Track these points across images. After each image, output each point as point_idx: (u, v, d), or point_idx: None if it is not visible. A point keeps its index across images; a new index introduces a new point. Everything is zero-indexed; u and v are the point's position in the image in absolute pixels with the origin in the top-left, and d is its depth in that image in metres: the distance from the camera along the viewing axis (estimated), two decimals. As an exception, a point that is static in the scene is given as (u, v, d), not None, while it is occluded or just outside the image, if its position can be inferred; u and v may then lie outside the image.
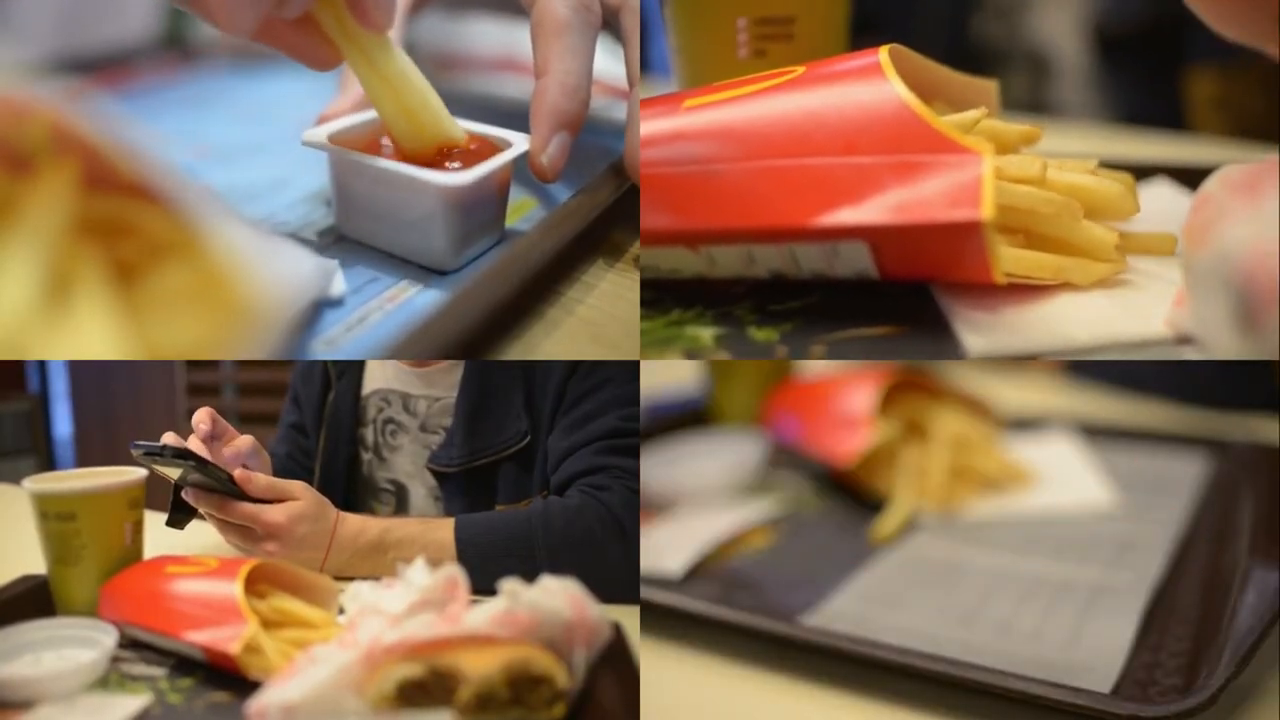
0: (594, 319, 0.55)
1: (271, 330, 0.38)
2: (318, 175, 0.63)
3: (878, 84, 0.48)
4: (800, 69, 0.52)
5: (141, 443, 0.58)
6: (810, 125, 0.49)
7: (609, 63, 0.73)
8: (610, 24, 0.60)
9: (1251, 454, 0.73)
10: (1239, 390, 0.88)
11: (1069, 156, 0.54)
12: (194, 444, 0.63)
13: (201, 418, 0.64)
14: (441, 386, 0.71)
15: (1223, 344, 0.42)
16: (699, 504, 0.73)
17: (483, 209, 0.57)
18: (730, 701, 0.49)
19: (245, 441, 0.66)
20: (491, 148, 0.57)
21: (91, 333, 0.36)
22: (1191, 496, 0.68)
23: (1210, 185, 0.45)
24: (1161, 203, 0.58)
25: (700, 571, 0.61)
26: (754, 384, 0.89)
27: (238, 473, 0.60)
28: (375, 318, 0.52)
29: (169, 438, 0.61)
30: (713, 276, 0.54)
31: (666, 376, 0.97)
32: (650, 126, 0.52)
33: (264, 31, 0.50)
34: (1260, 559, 0.52)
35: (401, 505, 0.73)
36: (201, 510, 0.61)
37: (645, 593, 0.55)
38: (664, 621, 0.54)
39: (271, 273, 0.38)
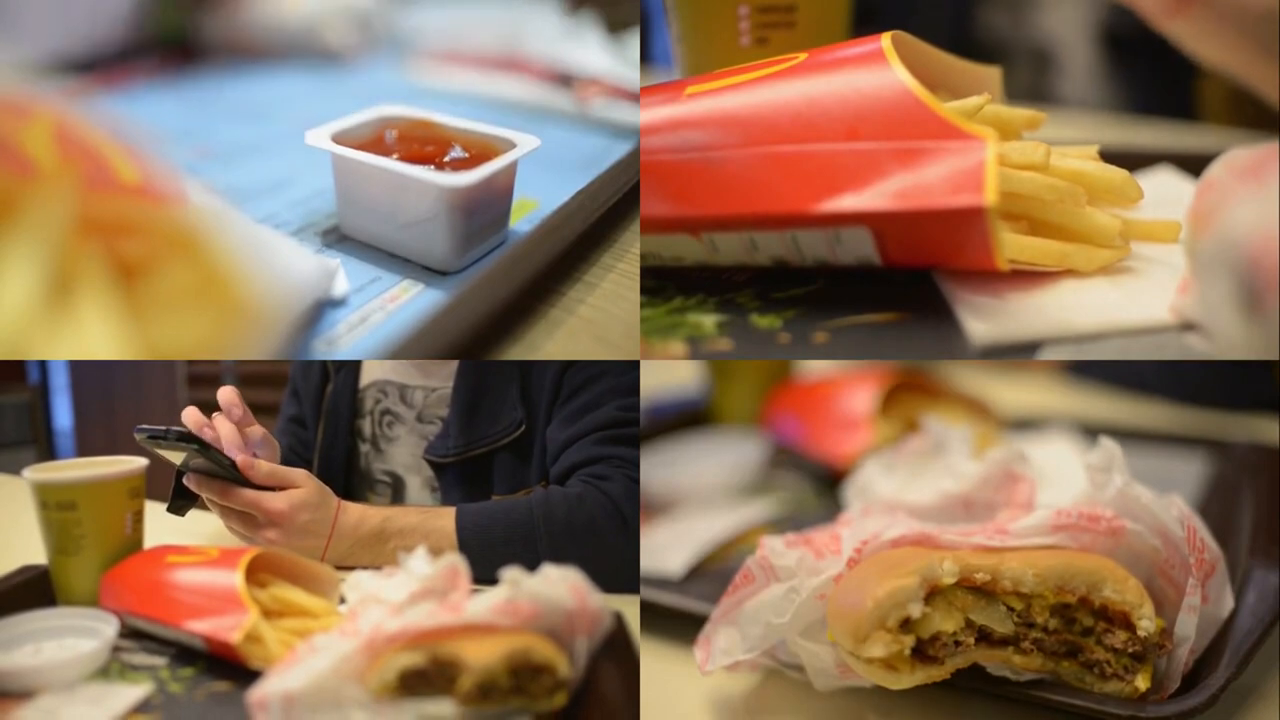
0: (595, 319, 0.55)
1: (273, 330, 0.38)
2: (318, 175, 0.63)
3: (881, 70, 0.48)
4: (802, 56, 0.52)
5: (145, 426, 0.58)
6: (813, 111, 0.49)
7: (609, 62, 0.73)
8: (610, 18, 0.60)
9: (1251, 454, 0.73)
10: (1239, 390, 0.88)
11: (1072, 144, 0.54)
12: (191, 419, 0.63)
13: (232, 400, 0.63)
14: (438, 377, 0.72)
15: (1227, 328, 0.41)
16: (699, 504, 0.73)
17: (486, 210, 0.57)
18: (730, 701, 0.49)
19: (256, 431, 0.66)
20: (493, 148, 0.57)
21: (93, 332, 0.36)
22: (1191, 496, 0.68)
23: (1215, 170, 0.45)
24: (1165, 190, 0.58)
25: (700, 571, 0.61)
26: (754, 385, 0.89)
27: (240, 459, 0.60)
28: (377, 318, 0.52)
29: (191, 416, 0.60)
30: (715, 263, 0.54)
31: (667, 377, 0.97)
32: (652, 113, 0.52)
33: None
34: (1260, 559, 0.52)
35: (397, 496, 0.73)
36: (204, 496, 0.61)
37: (645, 593, 0.55)
38: (664, 621, 0.54)
39: (273, 273, 0.38)
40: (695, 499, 0.74)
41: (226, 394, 0.64)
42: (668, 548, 0.63)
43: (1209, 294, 0.43)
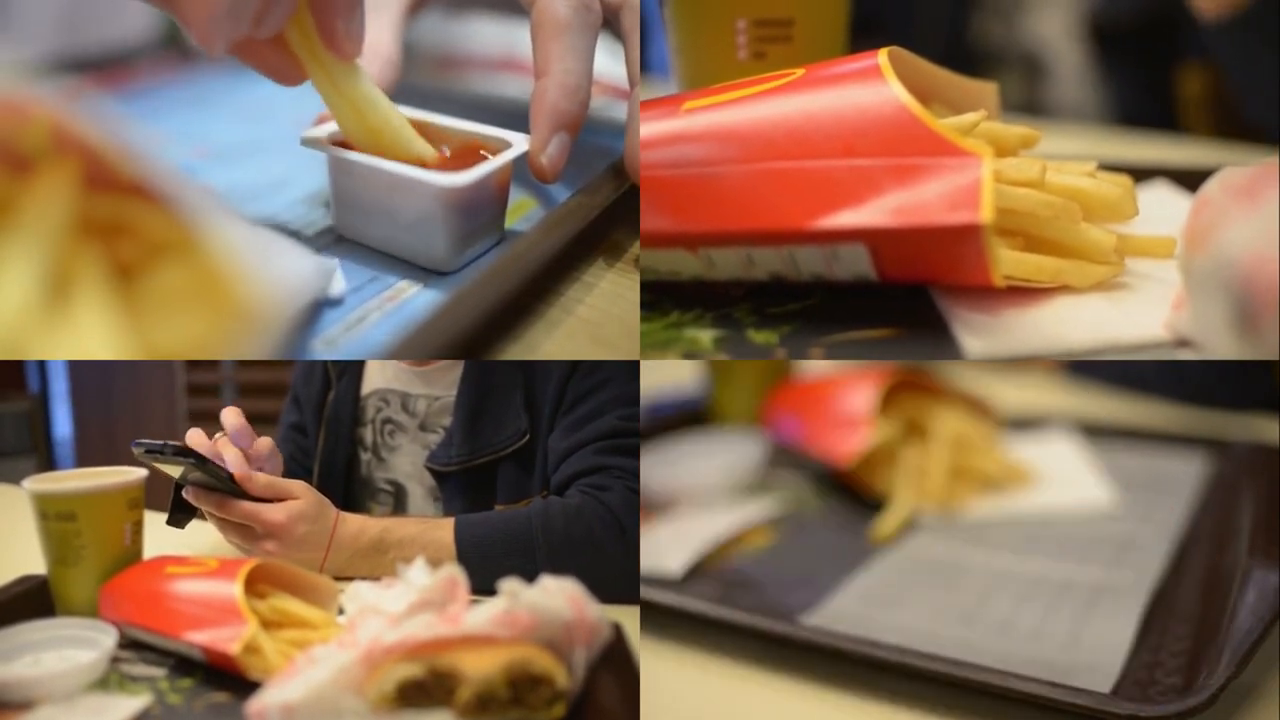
0: (594, 319, 0.55)
1: (271, 330, 0.38)
2: (317, 175, 0.63)
3: (877, 86, 0.48)
4: (800, 71, 0.52)
5: (143, 440, 0.58)
6: (810, 127, 0.49)
7: (609, 62, 0.73)
8: (610, 24, 0.60)
9: (1251, 454, 0.73)
10: (1239, 390, 0.88)
11: (1068, 159, 0.54)
12: (195, 441, 0.63)
13: (238, 425, 0.63)
14: (441, 386, 0.71)
15: (1221, 347, 0.42)
16: (699, 504, 0.73)
17: (482, 210, 0.57)
18: (730, 701, 0.49)
19: (264, 444, 0.66)
20: (489, 149, 0.57)
21: (91, 333, 0.36)
22: (1191, 496, 0.68)
23: (1210, 188, 0.45)
24: (1160, 205, 0.58)
25: (700, 571, 0.61)
26: (754, 384, 0.89)
27: (238, 471, 0.60)
28: (374, 317, 0.52)
29: (194, 436, 0.61)
30: (712, 279, 0.54)
31: (666, 376, 0.97)
32: (650, 129, 0.52)
33: (237, 47, 0.52)
34: (1260, 559, 0.52)
35: (399, 505, 0.73)
36: (202, 509, 0.61)
37: (645, 593, 0.55)
38: (664, 621, 0.54)
39: (271, 272, 0.38)
40: (695, 499, 0.74)
41: (232, 418, 0.63)
42: (667, 548, 0.63)
43: (1203, 312, 0.43)
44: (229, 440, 0.63)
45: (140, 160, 0.37)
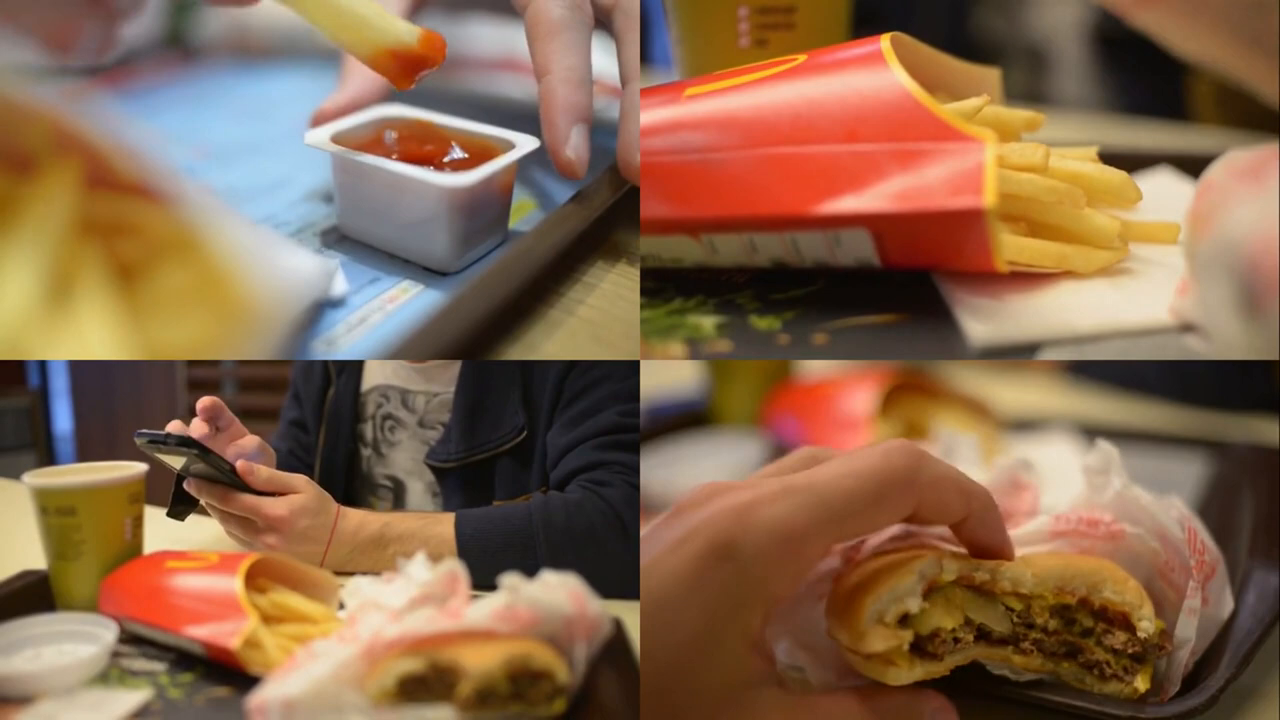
0: (594, 319, 0.55)
1: (272, 330, 0.38)
2: (318, 175, 0.63)
3: (880, 71, 0.48)
4: (802, 57, 0.52)
5: (145, 431, 0.58)
6: (812, 113, 0.49)
7: (606, 63, 0.73)
8: (603, 23, 0.60)
9: (1251, 454, 0.73)
10: (1239, 390, 0.88)
11: (1070, 145, 0.54)
12: (198, 433, 0.63)
13: (205, 404, 0.64)
14: (440, 382, 0.72)
15: (1226, 331, 0.42)
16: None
17: (486, 210, 0.57)
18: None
19: (250, 441, 0.66)
20: (493, 149, 0.57)
21: (92, 332, 0.36)
22: (1191, 497, 0.68)
23: (1214, 172, 0.45)
24: (1164, 191, 0.58)
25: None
26: (754, 385, 0.89)
27: (240, 464, 0.60)
28: (376, 318, 0.52)
29: (174, 426, 0.61)
30: (714, 265, 0.54)
31: (667, 377, 0.97)
32: (652, 115, 0.52)
33: None
34: (1260, 559, 0.52)
35: (399, 501, 0.73)
36: (203, 501, 0.61)
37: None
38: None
39: (272, 273, 0.38)
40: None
41: (204, 401, 0.64)
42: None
43: (1208, 295, 0.43)
44: (198, 421, 0.64)
45: (141, 160, 0.37)
